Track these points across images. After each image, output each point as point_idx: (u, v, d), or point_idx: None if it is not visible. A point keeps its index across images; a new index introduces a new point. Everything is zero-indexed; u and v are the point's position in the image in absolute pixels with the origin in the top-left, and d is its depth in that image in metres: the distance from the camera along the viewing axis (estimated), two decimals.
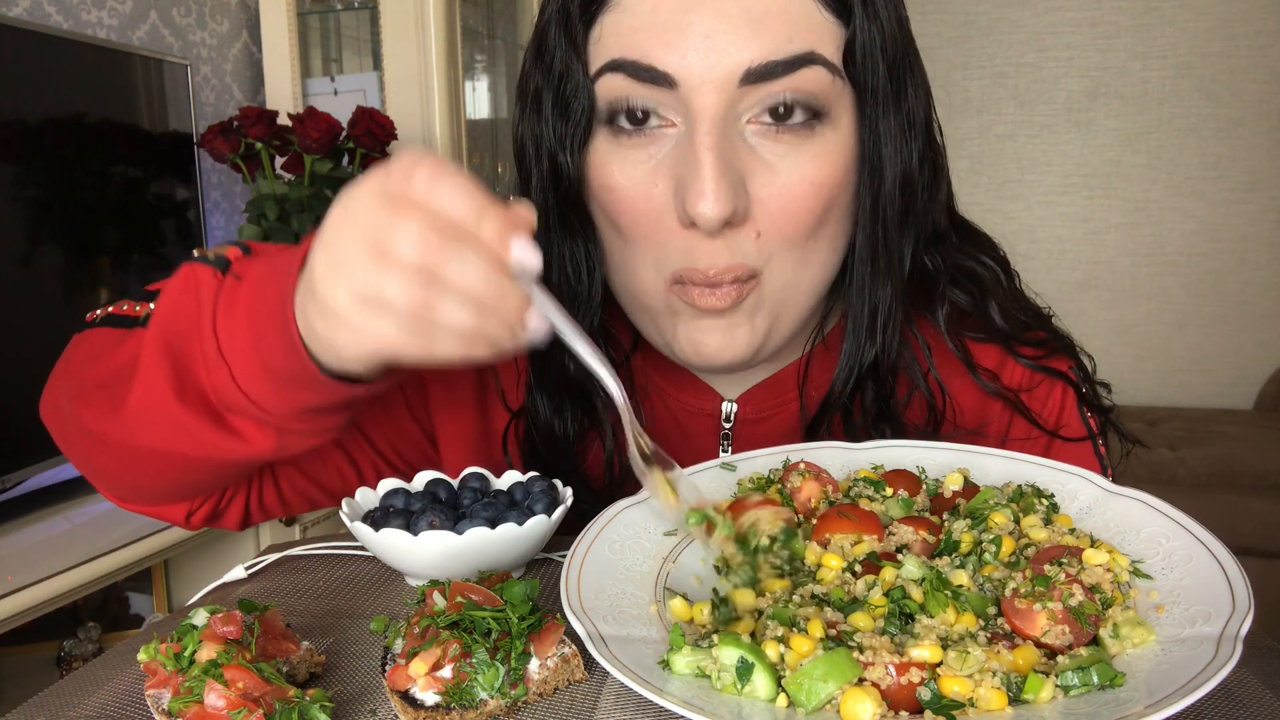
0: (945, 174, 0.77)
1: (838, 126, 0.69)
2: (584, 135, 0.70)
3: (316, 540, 0.78)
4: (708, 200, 0.64)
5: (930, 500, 0.64)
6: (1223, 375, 3.67)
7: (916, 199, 0.73)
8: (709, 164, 0.64)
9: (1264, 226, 3.58)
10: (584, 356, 0.57)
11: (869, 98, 0.69)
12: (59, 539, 1.55)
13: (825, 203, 0.69)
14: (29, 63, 1.65)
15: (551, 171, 0.72)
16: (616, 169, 0.69)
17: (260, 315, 0.57)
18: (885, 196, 0.71)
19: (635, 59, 0.66)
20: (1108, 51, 3.62)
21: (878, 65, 0.68)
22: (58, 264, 1.72)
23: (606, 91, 0.68)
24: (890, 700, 0.46)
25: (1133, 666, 0.48)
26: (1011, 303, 0.80)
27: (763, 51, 0.64)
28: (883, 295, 0.73)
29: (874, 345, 0.74)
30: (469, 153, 2.53)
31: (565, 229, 0.74)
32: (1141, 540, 0.58)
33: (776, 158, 0.67)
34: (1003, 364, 0.80)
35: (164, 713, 0.49)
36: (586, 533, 0.62)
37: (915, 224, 0.74)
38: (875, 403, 0.76)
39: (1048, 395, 0.81)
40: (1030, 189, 3.74)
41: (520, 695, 0.52)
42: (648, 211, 0.69)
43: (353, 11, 2.57)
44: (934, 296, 0.77)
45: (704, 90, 0.65)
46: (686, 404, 0.82)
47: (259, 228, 2.01)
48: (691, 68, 0.65)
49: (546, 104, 0.71)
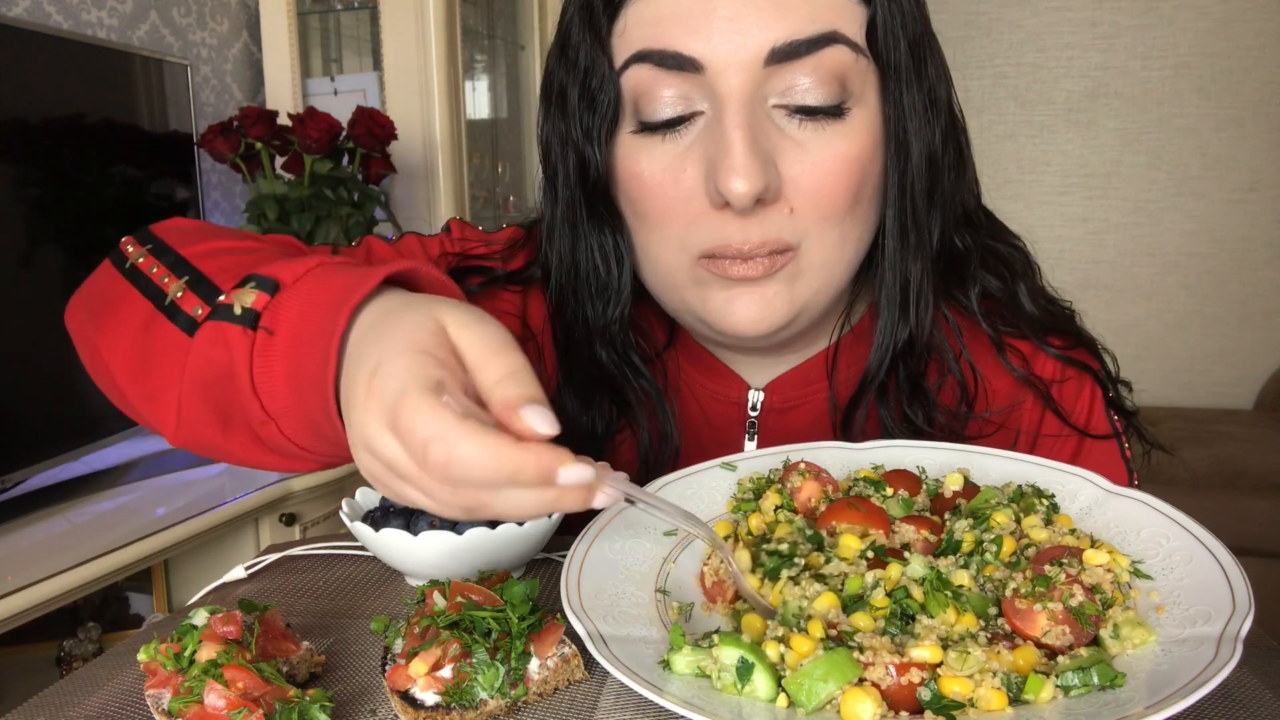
0: (969, 157, 0.79)
1: (864, 105, 0.69)
2: (611, 128, 0.70)
3: (316, 540, 0.78)
4: (740, 176, 0.64)
5: (930, 500, 0.64)
6: (1223, 375, 3.67)
7: (942, 177, 0.74)
8: (739, 140, 0.65)
9: (1264, 226, 3.58)
10: (670, 518, 0.57)
11: (892, 74, 0.70)
12: (59, 539, 1.55)
13: (857, 179, 0.69)
14: (29, 63, 1.64)
15: (579, 166, 0.72)
16: (644, 158, 0.70)
17: (303, 381, 0.55)
18: (913, 171, 0.72)
19: (661, 48, 0.67)
20: (1108, 51, 3.62)
21: (899, 42, 0.69)
22: (58, 264, 1.72)
23: (633, 84, 0.69)
24: (890, 700, 0.46)
25: (1133, 667, 0.48)
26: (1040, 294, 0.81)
27: (786, 31, 0.65)
28: (914, 271, 0.74)
29: (908, 322, 0.74)
30: (469, 153, 2.53)
31: (593, 221, 0.74)
32: (1141, 540, 0.58)
33: (806, 138, 0.68)
34: (1033, 356, 0.80)
35: (164, 713, 0.49)
36: (586, 533, 0.62)
37: (942, 202, 0.75)
38: (908, 380, 0.76)
39: (1077, 394, 0.80)
40: (1030, 189, 3.74)
41: (520, 695, 0.52)
42: (676, 196, 0.69)
43: (353, 11, 2.57)
44: (965, 278, 0.77)
45: (730, 72, 0.66)
46: (713, 391, 0.82)
47: (259, 228, 2.01)
48: (717, 51, 0.65)
49: (572, 99, 0.71)
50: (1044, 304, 0.80)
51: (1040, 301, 0.80)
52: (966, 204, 0.78)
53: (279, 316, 0.58)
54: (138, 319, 0.64)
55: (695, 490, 0.68)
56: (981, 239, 0.78)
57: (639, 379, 0.78)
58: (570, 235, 0.75)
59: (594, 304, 0.76)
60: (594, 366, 0.78)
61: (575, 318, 0.77)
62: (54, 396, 1.66)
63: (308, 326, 0.56)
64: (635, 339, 0.78)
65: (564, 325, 0.78)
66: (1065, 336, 0.80)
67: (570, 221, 0.75)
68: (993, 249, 0.79)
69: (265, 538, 1.84)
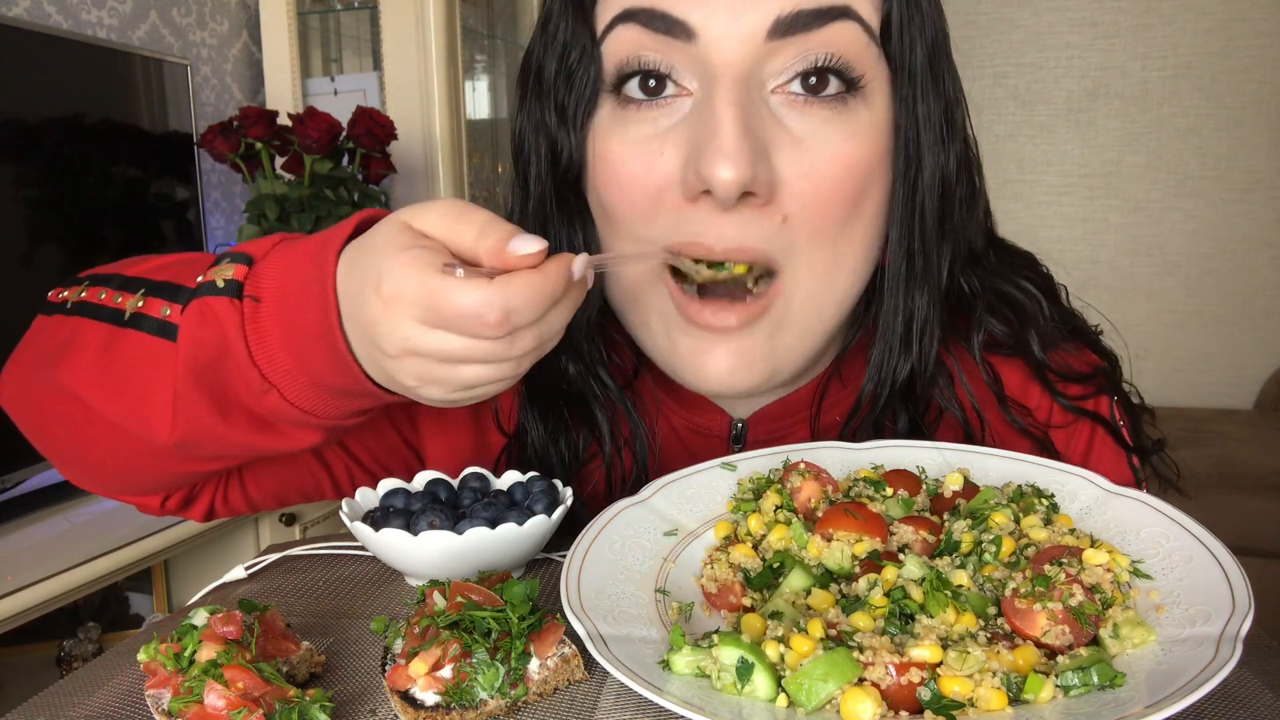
0: (983, 190, 0.72)
1: (871, 104, 0.63)
2: (588, 108, 0.64)
3: (316, 540, 0.78)
4: (726, 159, 0.56)
5: (930, 500, 0.64)
6: (1223, 375, 3.67)
7: (955, 207, 0.67)
8: (729, 119, 0.57)
9: (1264, 226, 3.58)
10: (624, 264, 0.61)
11: (906, 78, 0.63)
12: (59, 539, 1.55)
13: (859, 187, 0.62)
14: (29, 63, 1.65)
15: (550, 154, 0.66)
16: (617, 138, 0.63)
17: (300, 339, 0.56)
18: (924, 190, 0.65)
19: (649, 6, 0.60)
20: (1108, 51, 3.62)
21: (915, 44, 0.63)
22: (58, 264, 1.72)
23: (616, 49, 0.62)
24: (890, 700, 0.46)
25: (1133, 667, 0.48)
26: (1055, 326, 0.74)
27: (793, 1, 0.58)
28: (919, 302, 0.67)
29: (908, 357, 0.68)
30: (469, 153, 2.53)
31: (563, 215, 0.68)
32: (1141, 540, 0.58)
33: (806, 132, 0.61)
34: (1026, 388, 0.74)
35: (164, 713, 0.49)
36: (586, 533, 0.62)
37: (952, 235, 0.68)
38: (909, 423, 0.70)
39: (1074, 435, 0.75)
40: (1030, 189, 3.74)
41: (520, 695, 0.52)
42: (648, 184, 0.62)
43: (353, 11, 2.57)
44: (969, 323, 0.71)
45: (726, 44, 0.59)
46: (693, 423, 0.76)
47: (259, 228, 2.01)
48: (714, 16, 0.58)
49: (549, 76, 0.65)
50: (1060, 340, 0.74)
51: (1055, 340, 0.73)
52: (975, 243, 0.71)
53: (261, 284, 0.58)
54: (99, 342, 0.64)
55: (695, 490, 0.68)
56: (990, 281, 0.72)
57: (605, 391, 0.72)
58: (540, 232, 0.66)
59: None
60: (561, 382, 0.73)
61: None
62: None
63: (293, 283, 0.57)
64: (608, 353, 0.73)
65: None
66: (1083, 377, 0.74)
67: (540, 219, 0.69)
68: (1003, 293, 0.72)
69: (265, 538, 1.84)
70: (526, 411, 0.76)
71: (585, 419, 0.74)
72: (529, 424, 0.76)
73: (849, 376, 0.74)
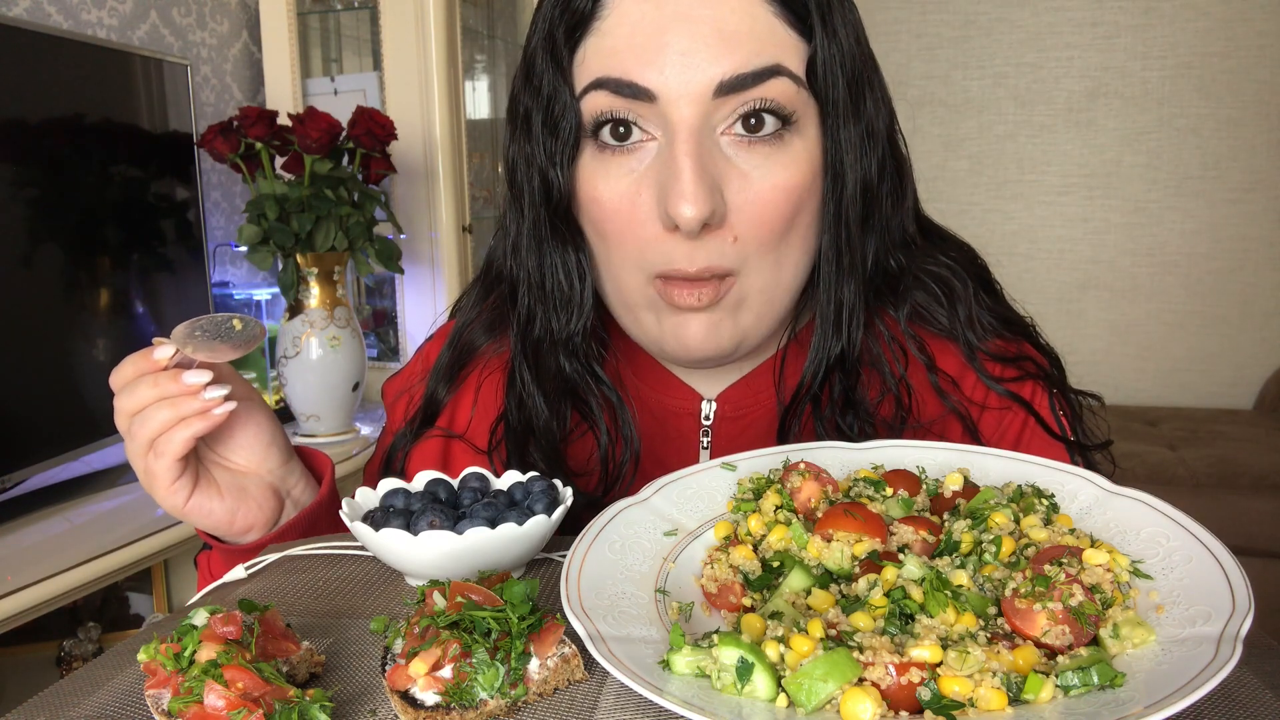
0: (910, 183, 0.83)
1: (804, 136, 0.74)
2: (572, 152, 0.75)
3: (316, 540, 0.78)
4: (688, 202, 0.69)
5: (930, 500, 0.64)
6: (1223, 375, 3.68)
7: (878, 204, 0.79)
8: (688, 168, 0.69)
9: (1264, 226, 3.58)
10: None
11: (830, 109, 0.74)
12: (59, 539, 1.55)
13: (794, 207, 0.74)
14: (29, 63, 1.65)
15: (543, 187, 0.77)
16: (602, 182, 0.75)
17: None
18: (847, 200, 0.76)
19: (618, 76, 0.71)
20: (1108, 51, 3.62)
21: (837, 79, 0.74)
22: (58, 264, 1.72)
23: (592, 107, 0.73)
24: (890, 700, 0.46)
25: (1133, 666, 0.48)
26: (986, 312, 0.83)
27: (734, 66, 0.70)
28: (847, 293, 0.79)
29: (840, 339, 0.79)
30: (469, 153, 2.53)
31: (556, 239, 0.79)
32: (1141, 540, 0.58)
33: (750, 167, 0.72)
34: (963, 372, 0.83)
35: (164, 713, 0.49)
36: (586, 533, 0.62)
37: (878, 228, 0.79)
38: (843, 392, 0.80)
39: (1005, 422, 0.82)
40: (1030, 189, 3.75)
41: (520, 695, 0.52)
42: (631, 219, 0.74)
43: (353, 11, 2.57)
44: (897, 297, 0.82)
45: (681, 103, 0.70)
46: (668, 405, 0.87)
47: (259, 227, 2.01)
48: (669, 82, 0.70)
49: (536, 124, 0.76)
50: (990, 323, 0.83)
51: (984, 322, 0.83)
52: (906, 228, 0.82)
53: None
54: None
55: (695, 490, 0.68)
56: (917, 260, 0.82)
57: (600, 385, 0.83)
58: (536, 251, 0.80)
59: (558, 317, 0.81)
60: (559, 376, 0.82)
61: (543, 330, 0.82)
62: (54, 396, 1.66)
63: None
64: (599, 349, 0.83)
65: (533, 338, 0.83)
66: (1013, 359, 0.82)
67: (536, 239, 0.80)
68: (931, 271, 0.83)
69: None
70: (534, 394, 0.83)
71: (580, 408, 0.85)
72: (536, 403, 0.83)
73: (798, 357, 0.84)
